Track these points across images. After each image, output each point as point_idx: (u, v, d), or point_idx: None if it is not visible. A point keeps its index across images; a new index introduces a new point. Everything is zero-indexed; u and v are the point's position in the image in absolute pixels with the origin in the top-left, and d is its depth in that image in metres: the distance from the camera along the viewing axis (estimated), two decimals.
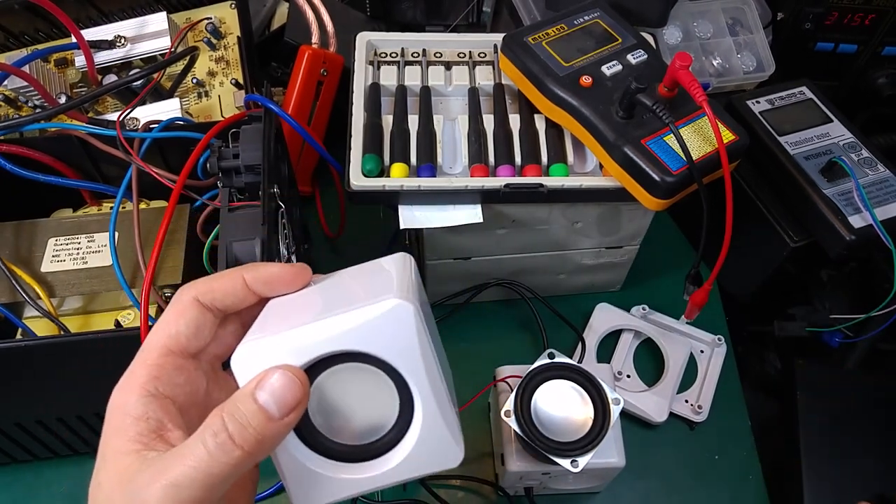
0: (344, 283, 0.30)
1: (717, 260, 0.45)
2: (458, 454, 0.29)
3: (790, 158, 0.54)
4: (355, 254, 0.64)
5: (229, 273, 0.30)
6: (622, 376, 0.57)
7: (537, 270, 0.58)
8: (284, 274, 0.30)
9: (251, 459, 0.24)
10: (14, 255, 0.46)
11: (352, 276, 0.31)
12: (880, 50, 0.65)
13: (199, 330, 0.28)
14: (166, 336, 0.28)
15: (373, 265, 0.31)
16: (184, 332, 0.28)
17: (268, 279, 0.30)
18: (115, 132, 0.46)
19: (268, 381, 0.25)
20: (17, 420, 0.46)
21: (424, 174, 0.47)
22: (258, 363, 0.26)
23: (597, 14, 0.52)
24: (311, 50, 0.59)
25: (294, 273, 0.30)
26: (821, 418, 0.51)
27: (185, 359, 0.28)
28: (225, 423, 0.24)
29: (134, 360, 0.28)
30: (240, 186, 0.44)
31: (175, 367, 0.28)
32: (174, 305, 0.29)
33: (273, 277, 0.30)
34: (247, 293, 0.29)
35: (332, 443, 0.28)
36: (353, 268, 0.32)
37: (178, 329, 0.28)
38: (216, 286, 0.29)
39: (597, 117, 0.46)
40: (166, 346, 0.28)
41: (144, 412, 0.26)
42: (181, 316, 0.28)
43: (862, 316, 0.53)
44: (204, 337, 0.29)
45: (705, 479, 0.54)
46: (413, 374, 0.27)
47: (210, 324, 0.29)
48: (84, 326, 0.46)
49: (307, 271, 0.31)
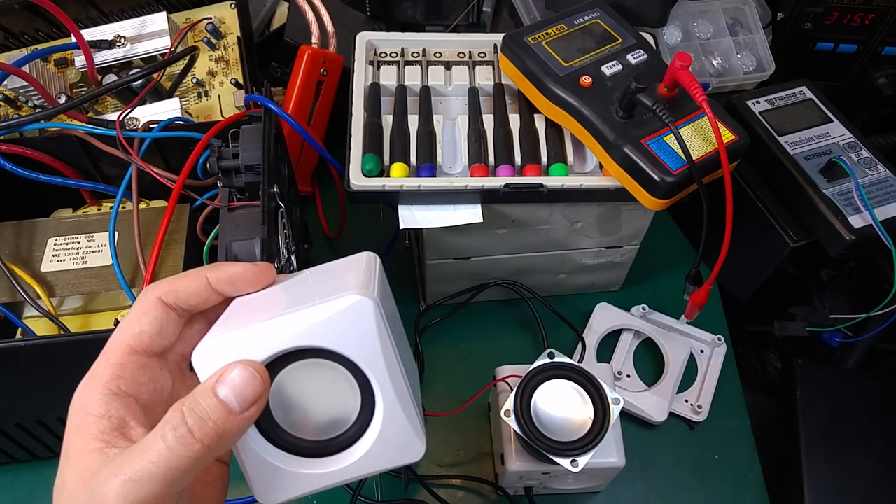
0: (308, 280, 0.31)
1: (717, 260, 0.45)
2: (420, 448, 0.29)
3: (790, 158, 0.54)
4: (355, 254, 0.65)
5: (193, 273, 0.30)
6: (622, 376, 0.57)
7: (537, 270, 0.58)
8: (247, 273, 0.30)
9: (211, 453, 0.25)
10: (14, 254, 0.46)
11: (316, 274, 0.31)
12: (880, 50, 0.65)
13: (163, 329, 0.29)
14: (130, 335, 0.28)
15: (338, 264, 0.32)
16: (147, 331, 0.28)
17: (231, 279, 0.30)
18: (115, 132, 0.46)
19: (228, 376, 0.25)
20: (18, 420, 0.46)
21: (424, 174, 0.47)
22: (219, 359, 0.26)
23: (597, 14, 0.52)
24: (311, 50, 0.59)
25: (257, 272, 0.30)
26: (821, 418, 0.51)
27: (149, 357, 0.28)
28: (185, 417, 0.24)
29: (97, 360, 0.28)
30: (240, 186, 0.44)
31: (138, 365, 0.28)
32: (138, 305, 0.29)
33: (236, 277, 0.30)
34: (210, 293, 0.29)
35: (294, 438, 0.28)
36: (318, 266, 0.32)
37: (141, 328, 0.28)
38: (180, 286, 0.29)
39: (597, 117, 0.46)
40: (129, 345, 0.28)
41: (107, 410, 0.26)
42: (145, 315, 0.28)
43: (862, 316, 0.53)
44: (168, 336, 0.29)
45: (705, 479, 0.54)
46: (373, 370, 0.27)
47: (174, 323, 0.29)
48: (84, 326, 0.46)
49: (271, 271, 0.31)
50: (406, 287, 0.63)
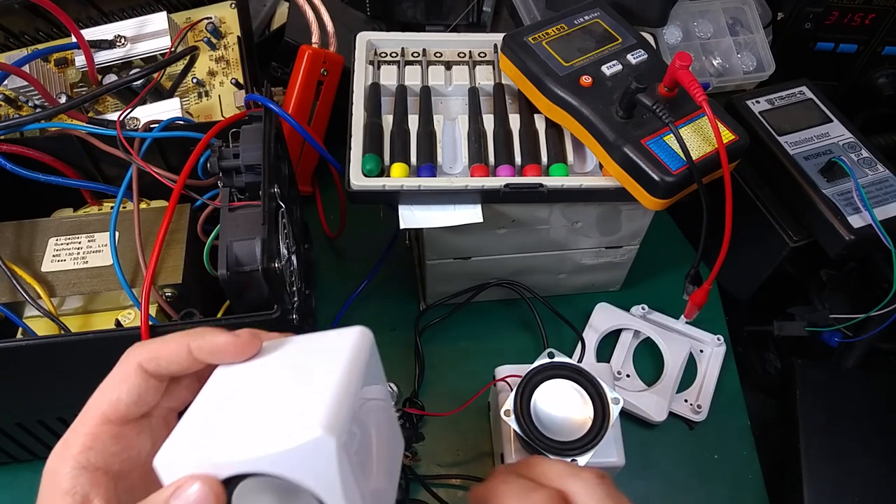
0: (289, 368, 0.29)
1: (717, 260, 0.45)
2: None
3: (790, 158, 0.54)
4: (355, 254, 0.65)
5: (175, 339, 0.29)
6: (622, 376, 0.57)
7: (537, 270, 0.58)
8: (230, 346, 0.29)
9: None
10: (14, 254, 0.46)
11: (298, 359, 0.30)
12: (880, 50, 0.65)
13: (141, 397, 0.28)
14: (106, 403, 0.28)
15: (325, 343, 0.30)
16: (124, 399, 0.28)
17: (213, 350, 0.29)
18: (116, 132, 0.46)
19: (184, 492, 0.25)
20: (18, 420, 0.46)
21: (424, 174, 0.47)
22: (181, 466, 0.25)
23: (597, 14, 0.52)
24: (311, 50, 0.59)
25: (241, 345, 0.29)
26: (820, 418, 0.51)
27: (124, 426, 0.28)
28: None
29: (72, 426, 0.28)
30: (240, 186, 0.44)
31: (111, 435, 0.28)
32: (118, 369, 0.29)
33: (218, 349, 0.29)
34: (192, 361, 0.29)
35: None
36: (303, 340, 0.31)
37: (118, 396, 0.28)
38: (161, 353, 0.28)
39: (597, 117, 0.46)
40: (105, 413, 0.28)
41: (72, 486, 0.26)
42: (123, 382, 0.28)
43: (861, 316, 0.53)
44: (147, 402, 0.29)
45: (705, 479, 0.54)
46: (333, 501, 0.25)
47: (154, 389, 0.29)
48: (84, 326, 0.46)
49: (255, 342, 0.30)
50: (406, 287, 0.63)
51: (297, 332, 0.47)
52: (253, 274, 0.40)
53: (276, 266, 0.40)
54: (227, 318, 0.39)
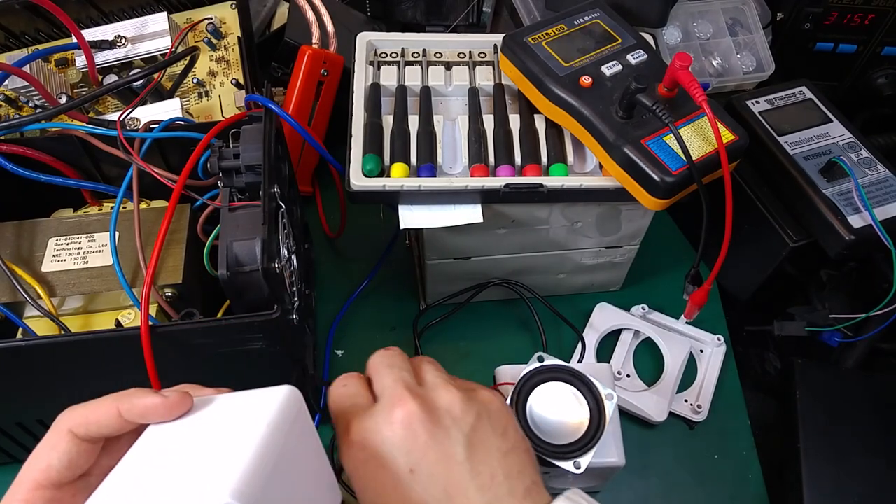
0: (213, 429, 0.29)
1: (717, 260, 0.45)
2: None
3: (790, 158, 0.54)
4: (355, 254, 0.65)
5: (105, 403, 0.29)
6: (622, 376, 0.57)
7: (537, 270, 0.58)
8: (159, 407, 0.29)
9: None
10: (15, 254, 0.46)
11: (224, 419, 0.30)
12: (880, 50, 0.65)
13: (73, 462, 0.29)
14: (37, 470, 0.28)
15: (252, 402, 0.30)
16: (56, 465, 0.28)
17: (142, 412, 0.29)
18: (116, 132, 0.46)
19: None
20: (18, 420, 0.46)
21: (424, 174, 0.47)
22: None
23: (597, 14, 0.52)
24: (311, 50, 0.59)
25: (169, 406, 0.29)
26: (820, 418, 0.51)
27: (58, 489, 0.28)
28: None
29: (7, 493, 0.28)
30: (240, 186, 0.44)
31: (45, 500, 0.28)
32: (49, 436, 0.29)
33: (147, 411, 0.29)
34: (123, 423, 0.29)
35: None
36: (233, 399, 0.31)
37: (49, 462, 0.28)
38: (91, 418, 0.29)
39: (597, 117, 0.46)
40: (36, 480, 0.28)
41: None
42: (53, 449, 0.28)
43: (861, 316, 0.53)
44: (80, 466, 0.29)
45: (705, 479, 0.54)
46: None
47: (87, 453, 0.29)
48: (84, 326, 0.46)
49: (185, 401, 0.30)
50: (406, 287, 0.63)
51: (297, 332, 0.47)
52: (253, 274, 0.40)
53: (276, 266, 0.40)
54: (228, 319, 0.39)
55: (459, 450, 0.33)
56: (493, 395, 0.36)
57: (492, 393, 0.36)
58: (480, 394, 0.36)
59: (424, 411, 0.34)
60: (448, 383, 0.36)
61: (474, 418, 0.34)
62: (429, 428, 0.33)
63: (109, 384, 0.31)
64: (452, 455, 0.33)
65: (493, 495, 0.32)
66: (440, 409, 0.34)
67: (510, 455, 0.34)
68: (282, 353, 0.42)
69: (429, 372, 0.37)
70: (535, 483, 0.33)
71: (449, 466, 0.33)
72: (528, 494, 0.32)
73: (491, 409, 0.35)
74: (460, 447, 0.33)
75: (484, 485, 0.32)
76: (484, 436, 0.34)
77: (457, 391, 0.35)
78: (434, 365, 0.38)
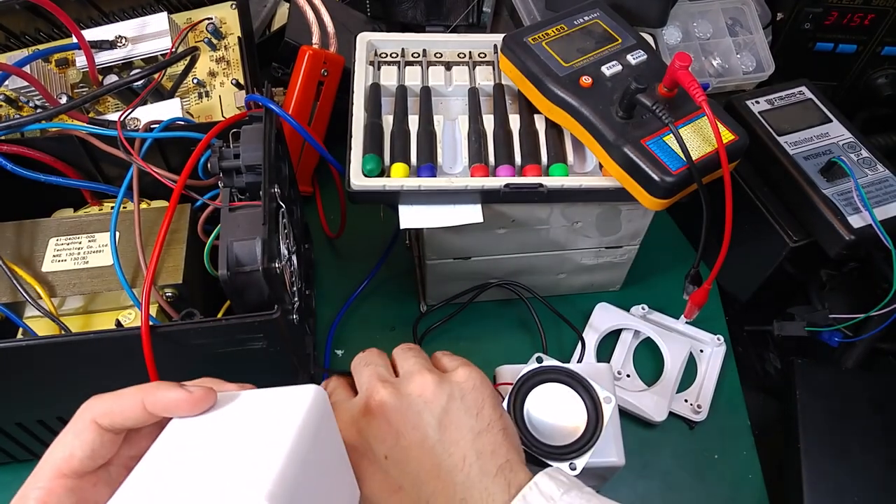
0: (240, 427, 0.29)
1: (717, 260, 0.45)
2: None
3: (790, 158, 0.54)
4: (355, 254, 0.65)
5: (130, 395, 0.29)
6: (622, 376, 0.57)
7: (537, 270, 0.58)
8: (183, 402, 0.29)
9: None
10: (15, 254, 0.46)
11: (251, 417, 0.30)
12: (880, 50, 0.65)
13: (95, 452, 0.29)
14: (60, 458, 0.28)
15: (278, 401, 0.30)
16: (78, 455, 0.28)
17: (166, 406, 0.29)
18: (116, 132, 0.46)
19: None
20: (18, 420, 0.46)
21: (424, 174, 0.47)
22: None
23: (596, 14, 0.52)
24: (311, 50, 0.59)
25: (194, 401, 0.29)
26: (820, 418, 0.51)
27: (80, 478, 0.28)
28: None
29: (27, 481, 0.28)
30: (240, 186, 0.44)
31: (67, 489, 0.28)
32: (72, 425, 0.29)
33: (172, 404, 0.29)
34: (147, 416, 0.29)
35: None
36: (258, 396, 0.31)
37: (72, 451, 0.28)
38: (115, 409, 0.29)
39: (597, 117, 0.46)
40: (59, 469, 0.28)
41: None
42: (77, 437, 0.28)
43: (861, 316, 0.53)
44: (102, 456, 0.29)
45: (705, 479, 0.54)
46: None
47: (109, 443, 0.29)
48: (85, 326, 0.46)
49: (210, 397, 0.30)
50: (406, 287, 0.63)
51: (297, 332, 0.47)
52: (253, 274, 0.40)
53: (277, 266, 0.40)
54: (228, 319, 0.39)
55: (431, 432, 0.34)
56: (470, 374, 0.36)
57: (468, 371, 0.37)
58: (455, 374, 0.36)
59: (395, 398, 0.34)
60: (423, 369, 0.36)
61: (446, 400, 0.35)
62: (401, 414, 0.34)
63: (110, 384, 0.31)
64: (424, 439, 0.34)
65: (465, 475, 0.32)
66: (412, 395, 0.35)
67: (483, 435, 0.34)
68: (282, 353, 0.42)
69: (406, 360, 0.38)
70: (510, 461, 0.33)
71: (421, 450, 0.33)
72: (500, 472, 0.33)
73: (465, 388, 0.36)
74: (431, 430, 0.34)
75: (455, 466, 0.33)
76: (455, 417, 0.34)
77: (429, 375, 0.36)
78: (414, 351, 0.39)
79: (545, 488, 0.32)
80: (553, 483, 0.32)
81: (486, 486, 0.32)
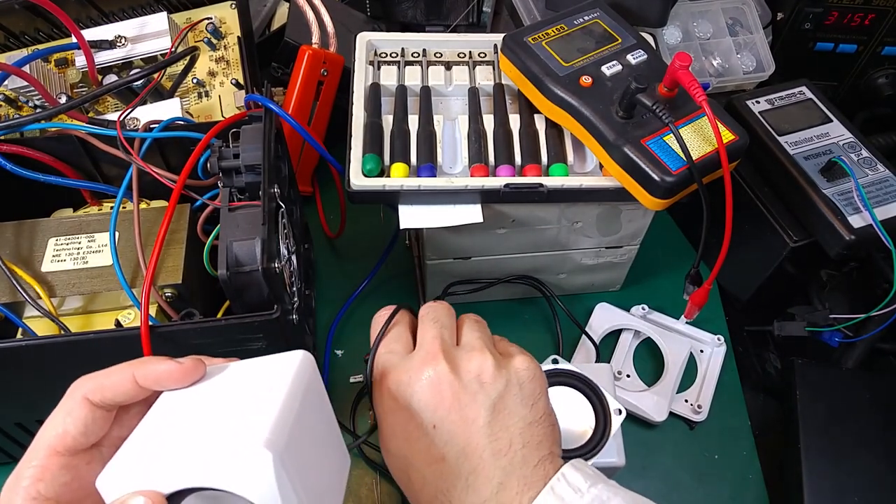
0: (231, 390, 0.30)
1: (717, 260, 0.45)
2: None
3: (790, 158, 0.54)
4: (355, 254, 0.65)
5: (119, 370, 0.30)
6: (622, 376, 0.57)
7: (537, 270, 0.58)
8: (174, 372, 0.30)
9: None
10: (14, 254, 0.46)
11: (241, 382, 0.31)
12: (880, 50, 0.65)
13: (88, 428, 0.29)
14: (53, 436, 0.28)
15: (267, 368, 0.31)
16: (71, 431, 0.28)
17: (157, 378, 0.30)
18: (116, 132, 0.46)
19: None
20: (18, 420, 0.46)
21: (424, 174, 0.47)
22: (124, 484, 0.26)
23: (596, 14, 0.52)
24: (311, 50, 0.59)
25: (184, 371, 0.30)
26: (820, 418, 0.51)
27: (73, 456, 0.29)
28: None
29: (23, 458, 0.28)
30: (240, 186, 0.44)
31: (60, 466, 0.28)
32: (64, 403, 0.29)
33: (163, 376, 0.30)
34: (138, 390, 0.30)
35: None
36: (247, 365, 0.32)
37: (65, 429, 0.28)
38: (106, 384, 0.29)
39: (597, 117, 0.46)
40: (52, 446, 0.28)
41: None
42: (69, 415, 0.29)
43: (861, 316, 0.53)
44: (95, 433, 0.29)
45: (705, 479, 0.54)
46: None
47: (101, 420, 0.29)
48: (84, 326, 0.46)
49: (199, 368, 0.31)
50: (406, 287, 0.63)
51: (297, 332, 0.47)
52: (253, 274, 0.40)
53: (276, 266, 0.40)
54: (228, 319, 0.39)
55: (483, 414, 0.34)
56: (529, 363, 0.37)
57: (528, 361, 0.37)
58: (516, 361, 0.37)
59: (453, 373, 0.35)
60: (485, 347, 0.37)
61: (503, 386, 0.35)
62: (455, 390, 0.34)
63: None
64: (475, 419, 0.34)
65: (508, 461, 0.33)
66: (470, 373, 0.35)
67: (534, 426, 0.34)
68: None
69: (470, 331, 0.38)
70: (552, 454, 0.34)
71: (469, 429, 0.34)
72: (541, 463, 0.33)
73: (523, 378, 0.36)
74: (484, 411, 0.34)
75: (500, 450, 0.33)
76: (510, 403, 0.35)
77: (490, 357, 0.36)
78: (479, 324, 0.39)
79: (573, 479, 0.32)
80: (580, 475, 0.32)
81: (525, 474, 0.33)
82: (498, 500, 0.32)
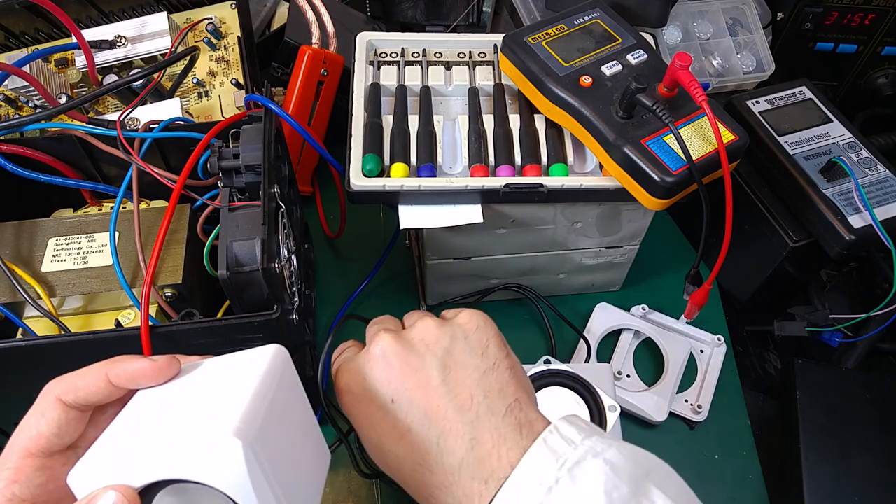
0: (204, 385, 0.30)
1: (717, 260, 0.45)
2: None
3: (790, 158, 0.54)
4: (355, 254, 0.65)
5: (93, 370, 0.29)
6: (622, 376, 0.57)
7: (537, 270, 0.58)
8: (148, 370, 0.30)
9: None
10: (14, 254, 0.46)
11: (214, 376, 0.31)
12: (880, 50, 0.65)
13: (62, 429, 0.29)
14: (27, 438, 0.28)
15: (240, 363, 0.31)
16: (45, 433, 0.28)
17: (130, 376, 0.29)
18: (116, 132, 0.46)
19: (99, 499, 0.25)
20: (18, 420, 0.46)
21: (424, 174, 0.47)
22: (95, 480, 0.26)
23: (597, 14, 0.52)
24: (311, 50, 0.59)
25: (158, 369, 0.30)
26: (820, 418, 0.51)
27: (48, 457, 0.29)
28: None
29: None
30: (240, 186, 0.44)
31: (35, 468, 0.28)
32: (38, 404, 0.29)
33: (136, 374, 0.29)
34: (112, 389, 0.29)
35: None
36: (221, 360, 0.32)
37: (38, 430, 0.28)
38: (80, 384, 0.29)
39: (597, 117, 0.46)
40: (26, 448, 0.28)
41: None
42: (42, 416, 0.29)
43: (861, 316, 0.54)
44: (69, 434, 0.29)
45: (705, 479, 0.54)
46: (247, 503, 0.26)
47: (76, 421, 0.29)
48: (84, 326, 0.46)
49: (173, 365, 0.30)
50: (406, 287, 0.63)
51: (297, 332, 0.47)
52: (253, 274, 0.40)
53: (276, 266, 0.40)
54: (227, 319, 0.39)
55: (434, 374, 0.34)
56: (473, 315, 0.37)
57: (470, 314, 0.37)
58: (459, 317, 0.36)
59: (398, 342, 0.35)
60: (425, 315, 0.37)
61: (448, 342, 0.35)
62: (403, 357, 0.34)
63: None
64: (429, 380, 0.33)
65: (474, 414, 0.32)
66: (414, 339, 0.35)
67: (489, 373, 0.34)
68: None
69: (412, 316, 0.38)
70: (519, 400, 0.33)
71: (426, 391, 0.33)
72: (510, 412, 0.32)
73: (467, 329, 0.36)
74: (435, 371, 0.34)
75: (463, 405, 0.33)
76: (459, 357, 0.34)
77: (430, 319, 0.36)
78: (421, 312, 0.39)
79: (566, 432, 0.31)
80: (573, 428, 0.31)
81: (495, 425, 0.32)
82: (476, 457, 0.31)
